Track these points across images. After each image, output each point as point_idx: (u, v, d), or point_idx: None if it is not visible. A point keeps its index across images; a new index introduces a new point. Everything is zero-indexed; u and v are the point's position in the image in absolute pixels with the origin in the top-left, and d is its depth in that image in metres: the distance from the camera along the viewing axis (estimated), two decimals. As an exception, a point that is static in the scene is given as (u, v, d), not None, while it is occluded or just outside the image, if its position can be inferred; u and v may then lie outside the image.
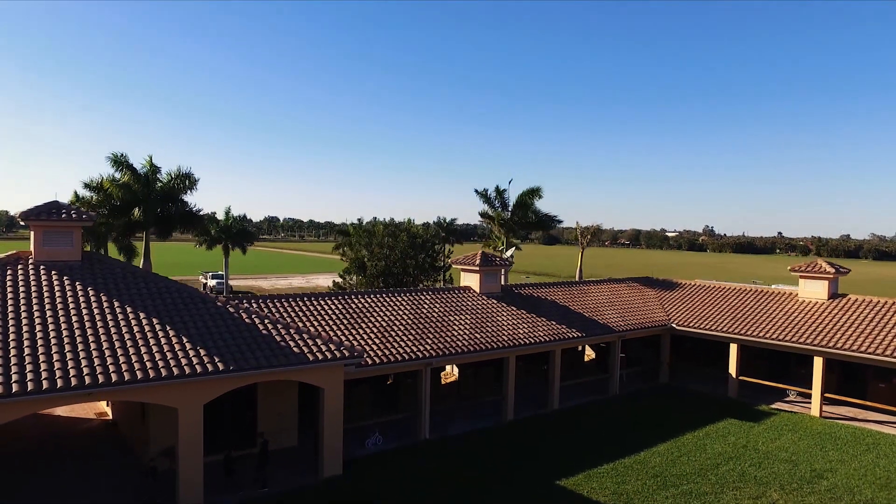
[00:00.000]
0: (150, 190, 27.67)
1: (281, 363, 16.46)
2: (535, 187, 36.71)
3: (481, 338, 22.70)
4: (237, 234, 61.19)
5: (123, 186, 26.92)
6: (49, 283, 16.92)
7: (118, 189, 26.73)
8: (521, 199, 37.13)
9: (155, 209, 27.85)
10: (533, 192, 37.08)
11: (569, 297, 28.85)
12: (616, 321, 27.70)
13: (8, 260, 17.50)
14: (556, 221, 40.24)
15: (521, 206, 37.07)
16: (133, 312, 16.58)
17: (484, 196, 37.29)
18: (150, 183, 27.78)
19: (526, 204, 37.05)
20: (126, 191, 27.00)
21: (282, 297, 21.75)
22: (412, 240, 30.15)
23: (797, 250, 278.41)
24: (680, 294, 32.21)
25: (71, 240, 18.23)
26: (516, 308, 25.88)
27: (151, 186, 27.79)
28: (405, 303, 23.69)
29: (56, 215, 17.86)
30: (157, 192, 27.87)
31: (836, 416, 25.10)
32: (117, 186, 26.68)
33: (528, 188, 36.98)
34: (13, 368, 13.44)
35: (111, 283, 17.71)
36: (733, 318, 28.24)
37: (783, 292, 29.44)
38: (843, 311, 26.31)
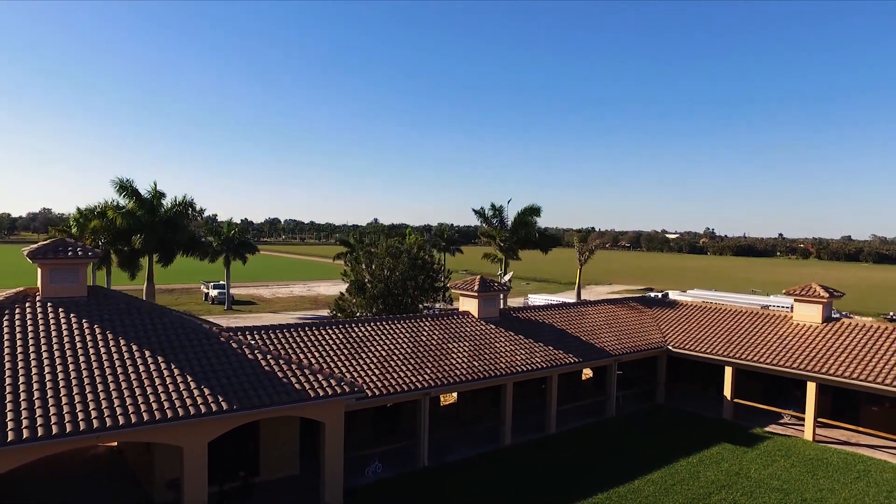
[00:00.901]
0: (154, 216, 28.16)
1: (283, 401, 16.88)
2: (535, 206, 37.02)
3: (479, 365, 23.10)
4: (238, 246, 61.70)
5: (128, 214, 27.38)
6: (56, 322, 17.33)
7: (122, 217, 27.17)
8: (520, 219, 37.40)
9: (158, 236, 28.28)
10: (532, 211, 37.33)
11: (566, 320, 29.24)
12: (613, 344, 28.10)
13: (16, 297, 17.93)
14: (556, 240, 40.52)
15: (521, 226, 37.35)
16: (138, 350, 16.99)
17: (482, 215, 37.58)
18: (154, 209, 28.25)
19: (525, 223, 37.33)
20: (130, 218, 27.45)
21: (284, 328, 22.17)
22: (413, 261, 30.52)
23: (797, 253, 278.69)
24: (676, 314, 32.59)
25: (77, 276, 18.65)
26: (514, 333, 26.28)
27: (156, 213, 28.24)
28: (404, 330, 24.09)
29: (62, 253, 18.29)
30: (161, 217, 28.30)
31: (829, 439, 25.47)
32: (121, 214, 27.14)
33: (527, 206, 37.32)
34: (23, 413, 13.86)
35: (116, 319, 18.12)
36: (728, 340, 28.63)
37: (777, 315, 29.82)
38: (836, 335, 26.69)
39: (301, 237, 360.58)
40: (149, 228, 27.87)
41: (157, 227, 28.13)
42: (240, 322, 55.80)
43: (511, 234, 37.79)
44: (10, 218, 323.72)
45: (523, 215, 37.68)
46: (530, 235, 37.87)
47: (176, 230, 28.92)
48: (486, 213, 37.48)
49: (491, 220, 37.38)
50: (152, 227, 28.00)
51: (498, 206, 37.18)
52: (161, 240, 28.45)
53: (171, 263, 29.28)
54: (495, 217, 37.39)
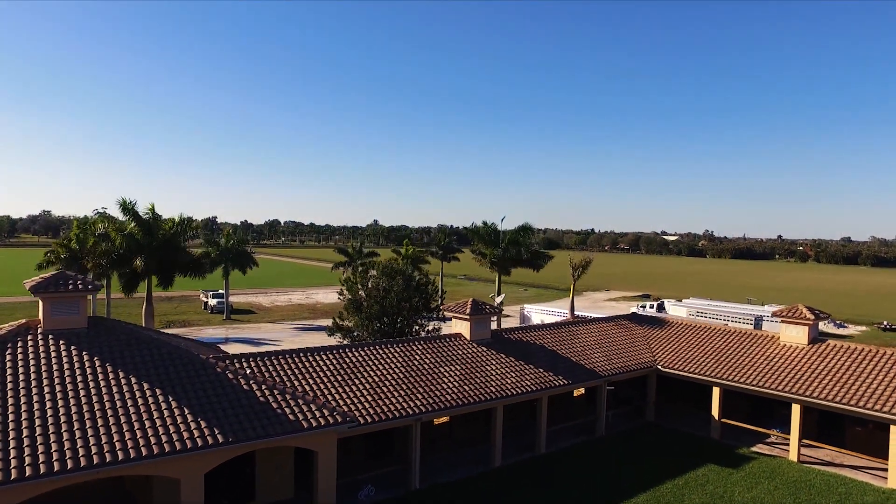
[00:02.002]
0: (153, 238, 28.69)
1: (277, 432, 17.44)
2: (527, 225, 37.65)
3: (470, 390, 23.65)
4: (237, 256, 62.24)
5: (128, 237, 27.92)
6: (57, 355, 17.87)
7: (123, 240, 27.70)
8: (512, 237, 37.97)
9: (158, 258, 28.83)
10: (525, 230, 37.97)
11: (557, 340, 29.79)
12: (602, 365, 28.65)
13: (18, 330, 18.47)
14: (548, 257, 41.11)
15: (513, 244, 37.93)
16: (137, 383, 17.55)
17: (475, 233, 38.13)
18: (153, 231, 28.77)
19: (517, 242, 37.91)
20: (130, 240, 27.98)
21: (279, 355, 22.70)
22: (407, 282, 31.08)
23: (796, 256, 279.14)
24: (666, 333, 33.13)
25: (77, 308, 19.19)
26: (505, 355, 26.82)
27: (154, 235, 28.77)
28: (397, 355, 24.63)
29: (63, 287, 18.83)
30: (160, 239, 28.83)
31: (813, 460, 26.01)
32: (122, 237, 27.67)
33: (520, 226, 37.96)
34: (26, 451, 14.40)
35: (116, 351, 18.68)
36: (716, 360, 29.18)
37: (765, 335, 30.36)
38: (821, 357, 27.23)
39: (300, 239, 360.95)
40: (148, 250, 28.42)
41: (156, 249, 28.65)
42: (238, 333, 56.39)
43: (503, 253, 38.37)
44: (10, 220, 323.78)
45: (515, 234, 38.27)
46: (521, 254, 38.43)
47: (175, 252, 29.46)
48: (480, 230, 38.08)
49: (485, 239, 37.98)
50: (152, 250, 28.54)
51: (490, 224, 37.81)
52: (160, 261, 29.00)
53: (170, 285, 29.75)
54: (488, 235, 37.97)
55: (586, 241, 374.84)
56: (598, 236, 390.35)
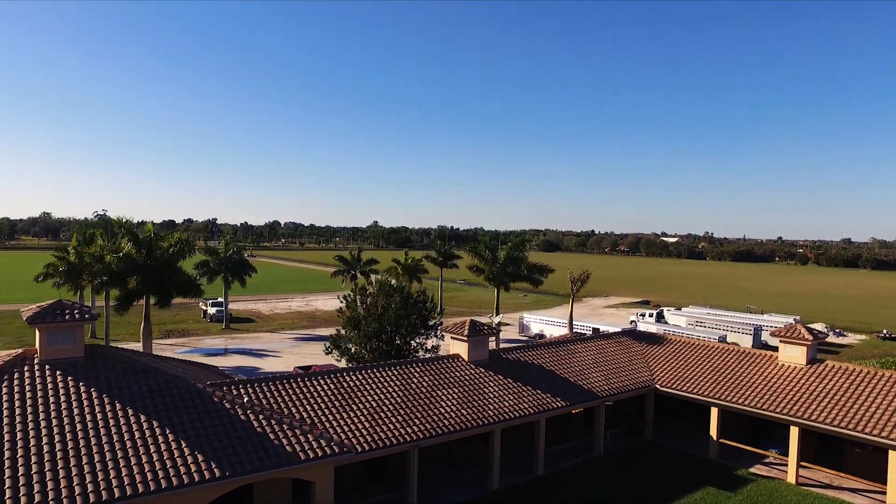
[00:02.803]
0: (151, 258, 28.71)
1: (274, 465, 17.43)
2: (526, 238, 37.49)
3: (468, 414, 23.64)
4: (236, 266, 62.22)
5: (125, 258, 27.94)
6: (54, 387, 17.86)
7: (120, 261, 27.71)
8: (510, 253, 37.94)
9: (154, 278, 28.83)
10: (523, 244, 37.90)
11: (555, 359, 29.77)
12: (601, 385, 28.63)
13: (15, 361, 18.46)
14: (548, 271, 41.07)
15: (511, 260, 37.90)
16: (134, 415, 17.54)
17: (474, 250, 38.14)
18: (151, 251, 28.78)
19: (515, 258, 37.88)
20: (127, 261, 27.98)
21: (277, 380, 22.69)
22: (405, 300, 31.07)
23: (796, 259, 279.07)
24: (665, 351, 33.12)
25: (74, 338, 19.19)
26: (503, 377, 26.81)
27: (152, 255, 28.78)
28: (394, 378, 24.61)
29: (60, 316, 18.84)
30: (157, 259, 28.85)
31: (812, 482, 25.98)
32: (119, 259, 27.69)
33: (518, 239, 37.84)
34: (21, 490, 14.38)
35: (113, 381, 18.67)
36: (715, 381, 29.17)
37: (763, 355, 30.33)
38: (820, 379, 27.21)
39: (300, 242, 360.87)
40: (145, 270, 28.43)
41: (153, 269, 28.68)
42: (237, 343, 56.31)
43: (501, 269, 38.37)
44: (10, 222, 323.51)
45: (513, 249, 38.24)
46: (520, 270, 38.43)
47: (173, 272, 29.44)
48: (478, 246, 38.08)
49: (483, 255, 38.00)
50: (148, 270, 28.56)
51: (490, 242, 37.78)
52: (157, 281, 29.00)
53: (167, 306, 29.73)
54: (487, 252, 37.99)
55: (586, 243, 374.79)
56: (597, 238, 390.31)
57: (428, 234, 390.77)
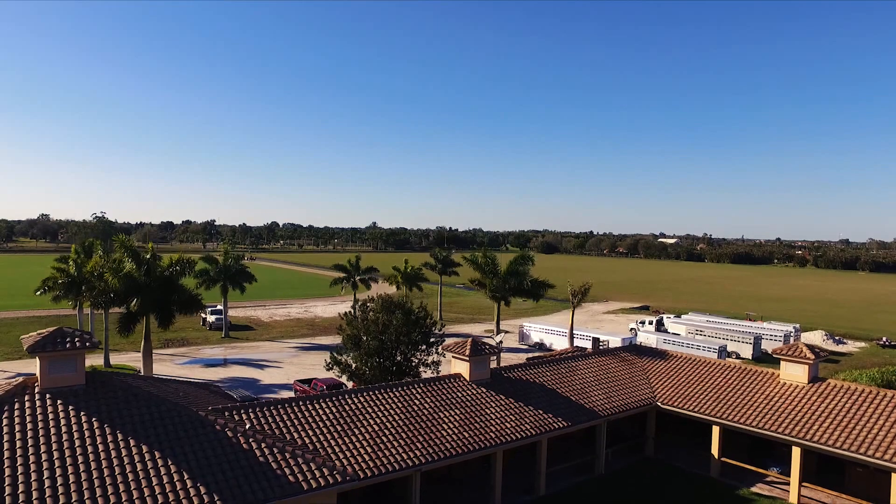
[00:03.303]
0: (151, 278, 28.61)
1: (277, 495, 17.34)
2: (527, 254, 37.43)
3: (470, 436, 23.58)
4: (235, 275, 62.10)
5: (125, 277, 27.84)
6: (55, 418, 17.76)
7: (120, 280, 27.62)
8: (511, 268, 37.90)
9: (155, 297, 28.73)
10: (524, 259, 37.87)
11: (557, 377, 29.72)
12: (602, 404, 28.58)
13: (16, 390, 18.36)
14: (548, 286, 41.04)
15: (512, 275, 37.86)
16: (136, 446, 17.45)
17: (475, 264, 38.09)
18: (151, 271, 28.69)
19: (517, 273, 37.84)
20: (128, 280, 27.90)
21: (279, 405, 22.57)
22: (406, 317, 30.98)
23: (795, 261, 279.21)
24: (666, 367, 33.07)
25: (75, 365, 19.09)
26: (504, 397, 26.75)
27: (152, 274, 28.69)
28: (397, 400, 24.53)
29: (61, 345, 18.74)
30: (158, 278, 28.75)
31: (814, 501, 25.93)
32: (118, 278, 27.60)
33: (519, 255, 37.81)
34: (23, 528, 14.31)
35: (114, 410, 18.58)
36: (716, 398, 29.12)
37: (764, 372, 30.29)
38: (822, 398, 27.17)
39: (299, 244, 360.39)
40: (146, 290, 28.33)
41: (153, 288, 28.58)
42: (237, 353, 56.14)
43: (502, 283, 38.33)
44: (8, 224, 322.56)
45: (514, 264, 38.23)
46: (521, 285, 38.40)
47: (173, 291, 29.34)
48: (478, 259, 38.06)
49: (485, 270, 37.98)
50: (149, 289, 28.45)
51: (490, 254, 37.73)
52: (158, 301, 28.90)
53: (168, 325, 29.64)
54: (487, 265, 37.97)
55: (585, 244, 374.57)
56: (596, 240, 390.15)
57: (427, 236, 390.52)
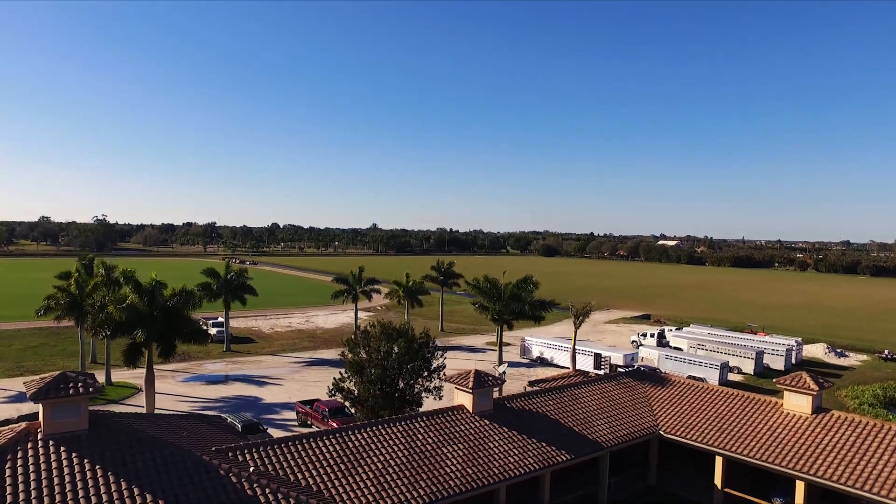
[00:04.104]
0: (154, 308, 28.58)
1: (279, 546, 17.28)
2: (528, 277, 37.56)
3: (473, 472, 23.52)
4: (237, 288, 62.08)
5: (129, 308, 27.81)
6: (59, 465, 17.66)
7: (122, 312, 27.59)
8: (513, 292, 38.01)
9: (158, 328, 28.69)
10: (525, 282, 37.97)
11: (559, 407, 29.66)
12: (605, 434, 28.52)
13: (18, 437, 18.26)
14: (552, 305, 41.08)
15: (514, 299, 37.95)
16: (140, 494, 17.36)
17: (478, 288, 38.18)
18: (154, 301, 28.65)
19: (518, 297, 37.93)
20: (131, 311, 27.86)
21: (283, 443, 22.48)
22: (409, 345, 30.94)
23: (795, 264, 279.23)
24: (668, 394, 33.01)
25: (78, 411, 18.97)
26: (508, 429, 26.68)
27: (156, 304, 28.65)
28: (400, 434, 24.46)
29: (64, 391, 18.64)
30: (161, 308, 28.73)
31: (817, 535, 25.86)
32: (121, 310, 27.58)
33: (522, 278, 37.87)
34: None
35: (118, 456, 18.49)
36: (719, 428, 29.05)
37: (768, 402, 30.21)
38: (826, 430, 27.09)
39: (300, 246, 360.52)
40: (149, 320, 28.28)
41: (157, 319, 28.53)
42: (238, 369, 56.11)
43: (504, 307, 38.43)
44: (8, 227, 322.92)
45: (516, 288, 38.35)
46: (523, 309, 38.51)
47: (177, 321, 29.28)
48: (482, 284, 38.22)
49: (487, 293, 38.08)
50: (152, 320, 28.41)
51: (492, 278, 37.88)
52: (161, 331, 28.87)
53: (171, 356, 29.58)
54: (491, 290, 38.10)
55: (585, 247, 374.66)
56: (597, 242, 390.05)
57: (428, 239, 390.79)
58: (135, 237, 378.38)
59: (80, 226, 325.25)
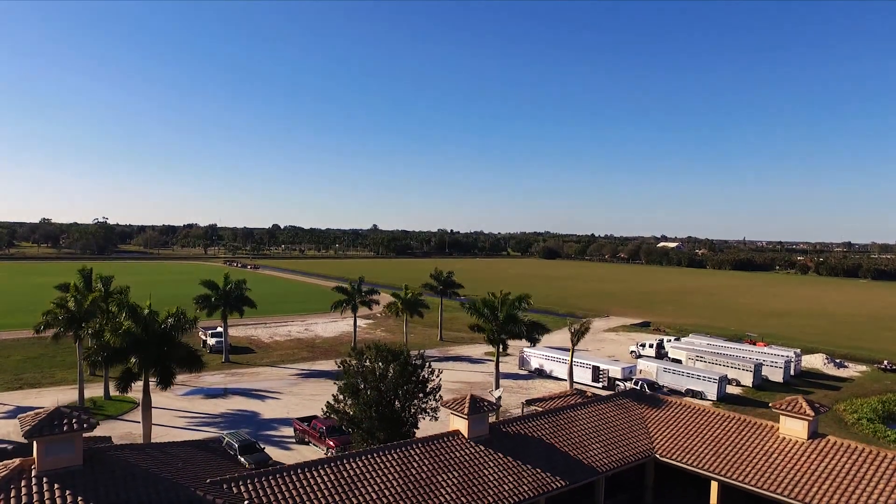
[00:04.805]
0: (149, 334, 28.62)
1: (272, 585, 17.32)
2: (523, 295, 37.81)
3: (468, 501, 23.53)
4: (236, 300, 62.17)
5: (125, 335, 27.87)
6: (52, 503, 17.74)
7: (119, 339, 27.64)
8: (509, 313, 38.31)
9: (153, 353, 28.74)
10: (520, 301, 38.22)
11: (555, 430, 29.68)
12: (600, 459, 28.53)
13: (11, 475, 18.31)
14: (544, 330, 41.27)
15: (510, 319, 38.21)
16: (132, 534, 17.43)
17: (475, 309, 38.42)
18: (148, 326, 28.70)
19: (514, 318, 38.21)
20: (127, 337, 27.92)
21: (277, 474, 22.52)
22: (403, 366, 30.97)
23: (796, 268, 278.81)
24: (665, 415, 33.02)
25: (73, 447, 19.04)
26: (503, 455, 26.70)
27: (150, 330, 28.69)
28: (395, 463, 24.48)
29: (59, 428, 18.70)
30: (155, 334, 28.76)
31: (813, 562, 25.82)
32: (117, 336, 27.63)
33: (517, 297, 38.09)
34: None
35: (112, 492, 18.54)
36: (714, 452, 29.06)
37: (764, 426, 30.19)
38: (821, 456, 27.08)
39: (300, 249, 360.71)
40: (144, 346, 28.33)
41: (152, 344, 28.57)
42: (237, 381, 56.16)
43: (500, 328, 38.71)
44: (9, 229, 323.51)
45: (511, 308, 38.66)
46: (519, 330, 38.82)
47: (173, 346, 29.32)
48: (478, 305, 38.58)
49: (484, 314, 38.37)
50: (147, 346, 28.46)
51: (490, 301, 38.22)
52: (157, 357, 28.90)
53: (169, 384, 29.57)
54: (487, 310, 38.38)
55: (586, 249, 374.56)
56: (598, 245, 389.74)
57: (428, 241, 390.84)
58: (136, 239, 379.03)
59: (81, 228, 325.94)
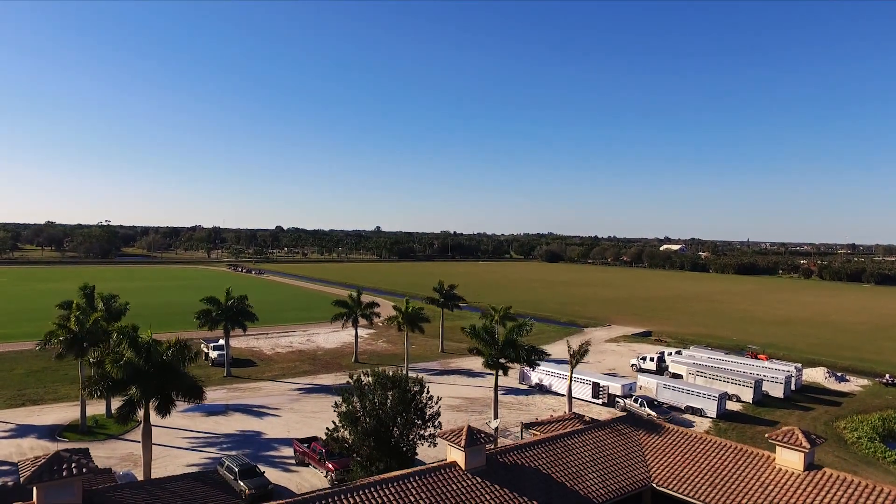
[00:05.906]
0: (150, 364, 28.89)
1: None
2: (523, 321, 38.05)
3: (464, 539, 23.72)
4: (237, 314, 62.50)
5: (126, 366, 28.14)
6: (51, 551, 18.02)
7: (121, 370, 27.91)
8: (509, 338, 38.59)
9: (155, 384, 28.99)
10: (520, 327, 38.54)
11: (552, 460, 29.84)
12: (597, 489, 28.67)
13: (13, 522, 18.61)
14: (544, 354, 41.53)
15: (509, 344, 38.49)
16: (130, 580, 17.69)
17: (474, 333, 38.74)
18: (150, 357, 28.98)
19: (513, 343, 38.48)
20: (128, 368, 28.19)
21: (273, 512, 22.76)
22: (403, 394, 31.20)
23: (800, 272, 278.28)
24: (662, 442, 33.15)
25: (72, 491, 19.33)
26: (499, 487, 26.86)
27: (151, 360, 28.97)
28: (392, 497, 24.68)
29: (58, 473, 18.97)
30: (156, 364, 29.02)
31: None
32: (118, 367, 27.90)
33: (517, 323, 38.42)
34: None
35: (110, 537, 18.82)
36: (711, 482, 29.17)
37: (760, 455, 30.31)
38: (817, 490, 27.16)
39: (303, 251, 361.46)
40: (145, 377, 28.59)
41: (153, 376, 28.84)
42: (238, 397, 56.43)
43: (499, 353, 39.02)
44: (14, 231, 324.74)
45: (510, 333, 38.99)
46: (518, 355, 39.11)
47: (174, 377, 29.56)
48: (478, 330, 38.97)
49: (483, 338, 38.70)
50: (149, 376, 28.73)
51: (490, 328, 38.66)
52: (158, 388, 29.16)
53: (167, 413, 29.83)
54: (486, 334, 38.69)
55: (589, 252, 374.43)
56: (601, 248, 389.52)
57: (431, 244, 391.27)
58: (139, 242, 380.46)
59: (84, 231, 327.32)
